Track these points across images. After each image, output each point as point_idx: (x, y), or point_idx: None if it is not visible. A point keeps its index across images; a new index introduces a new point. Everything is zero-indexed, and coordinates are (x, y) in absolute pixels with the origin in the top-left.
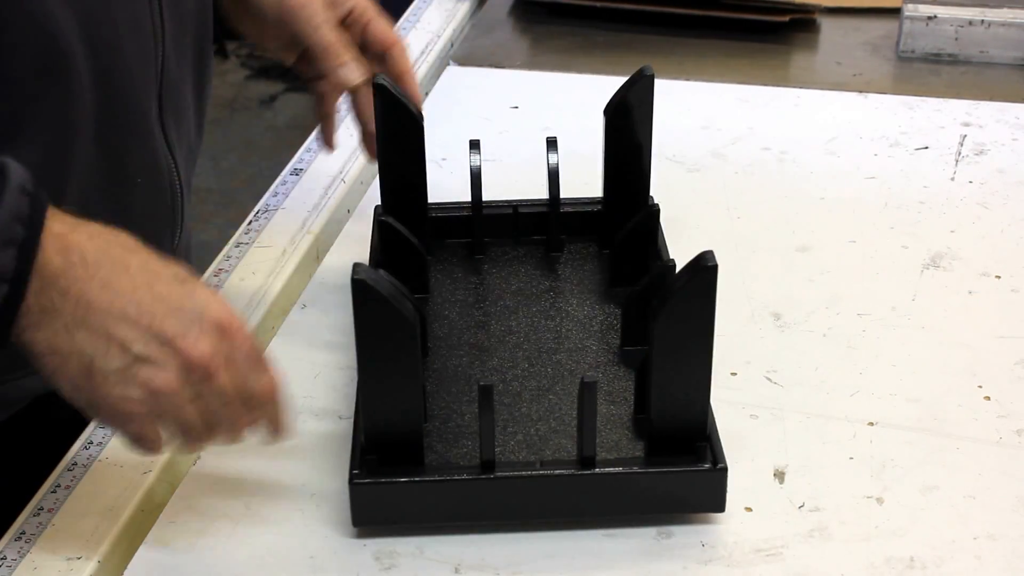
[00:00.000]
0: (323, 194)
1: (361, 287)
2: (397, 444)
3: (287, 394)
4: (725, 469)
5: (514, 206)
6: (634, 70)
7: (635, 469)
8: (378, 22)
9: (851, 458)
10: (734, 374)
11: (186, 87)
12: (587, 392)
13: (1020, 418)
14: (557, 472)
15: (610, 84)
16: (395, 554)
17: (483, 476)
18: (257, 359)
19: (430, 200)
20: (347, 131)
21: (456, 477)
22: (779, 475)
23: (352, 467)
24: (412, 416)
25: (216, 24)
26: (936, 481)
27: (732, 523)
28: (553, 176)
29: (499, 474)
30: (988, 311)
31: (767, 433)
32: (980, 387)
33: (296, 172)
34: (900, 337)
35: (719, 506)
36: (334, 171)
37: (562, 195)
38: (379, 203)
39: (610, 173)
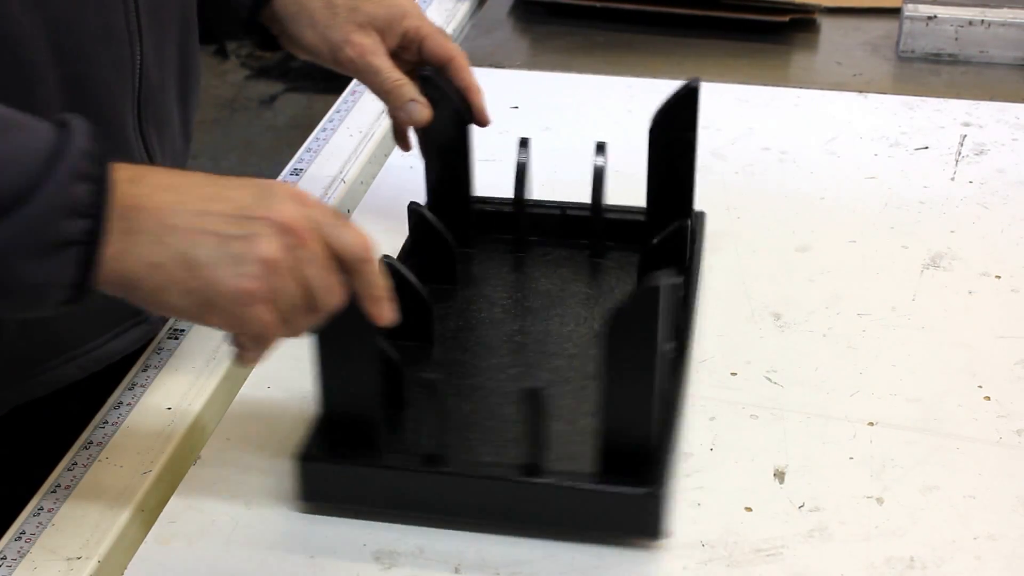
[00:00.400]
0: (323, 194)
1: None
2: (353, 427)
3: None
4: (659, 496)
5: (562, 208)
6: (634, 70)
7: (570, 483)
8: (434, 38)
9: (851, 458)
10: (734, 374)
11: (169, 94)
12: (530, 400)
13: (1020, 418)
14: (496, 476)
15: (610, 84)
16: (395, 554)
17: (423, 470)
18: (340, 219)
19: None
20: (346, 131)
21: (397, 467)
22: (779, 475)
23: (306, 444)
24: (367, 401)
25: (240, 28)
26: (936, 481)
27: (732, 523)
28: (597, 181)
29: (439, 469)
30: (988, 311)
31: (767, 433)
32: (980, 387)
33: (296, 172)
34: (900, 337)
35: (655, 533)
36: (334, 171)
37: (562, 196)
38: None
39: (653, 184)
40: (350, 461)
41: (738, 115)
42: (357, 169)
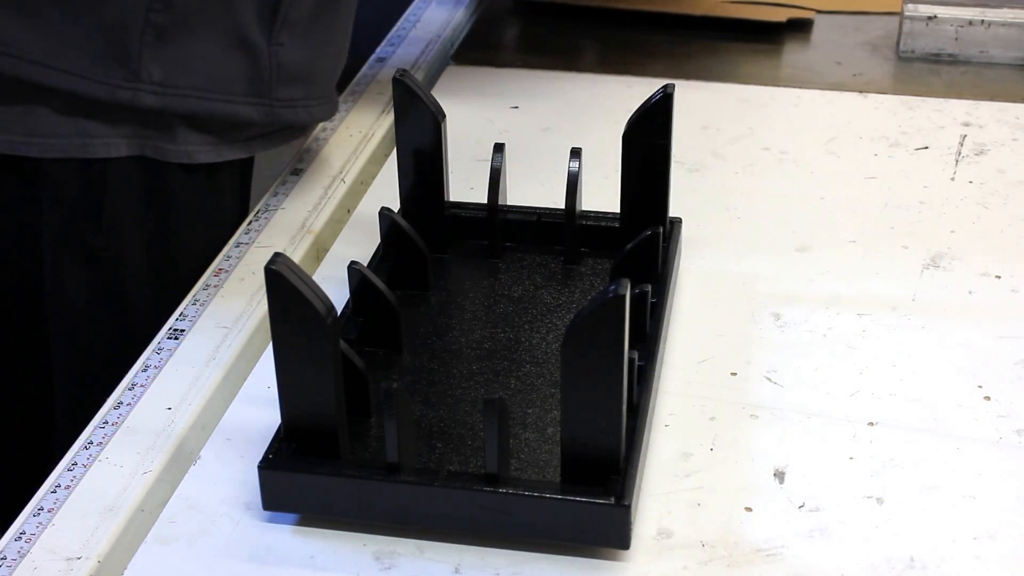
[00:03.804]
0: (323, 194)
1: (273, 276)
2: (315, 435)
3: None
4: (628, 506)
5: (537, 213)
6: (634, 70)
7: (532, 493)
8: None
9: (851, 458)
10: (734, 374)
11: None
12: (490, 410)
13: (1020, 418)
14: (456, 485)
15: (610, 84)
16: (395, 554)
17: (383, 479)
18: None
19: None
20: (346, 131)
21: (356, 476)
22: (779, 475)
23: (267, 452)
24: (327, 408)
25: None
26: (936, 481)
27: (732, 523)
28: (571, 188)
29: (398, 479)
30: (988, 311)
31: (767, 433)
32: (980, 387)
33: (296, 172)
34: (900, 337)
35: (623, 543)
36: (334, 171)
37: (561, 197)
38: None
39: (628, 191)
40: (310, 470)
41: (738, 115)
42: (357, 169)
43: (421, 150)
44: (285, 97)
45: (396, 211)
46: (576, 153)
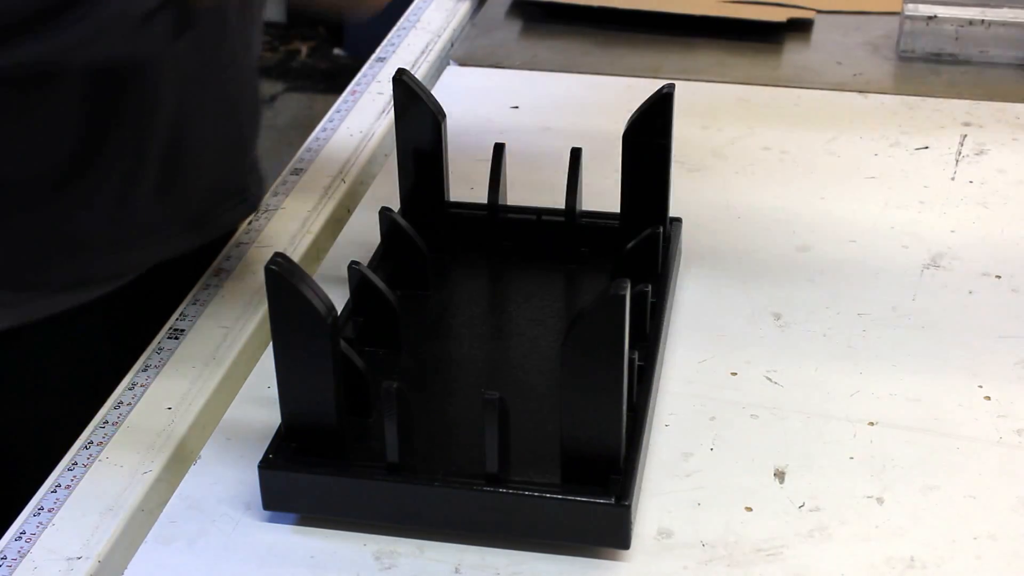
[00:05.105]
0: (323, 194)
1: (273, 276)
2: (315, 434)
3: None
4: (628, 506)
5: (537, 213)
6: (634, 70)
7: (533, 493)
8: None
9: (851, 458)
10: (734, 374)
11: None
12: (488, 409)
13: (1020, 418)
14: (457, 485)
15: (610, 84)
16: (395, 554)
17: (382, 479)
18: None
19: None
20: (347, 131)
21: (356, 475)
22: (779, 475)
23: (267, 452)
24: (327, 408)
25: None
26: (936, 481)
27: (732, 523)
28: (571, 187)
29: (398, 479)
30: (988, 311)
31: (767, 433)
32: (980, 387)
33: (296, 172)
34: (900, 337)
35: (623, 543)
36: (334, 171)
37: (561, 198)
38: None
39: (628, 191)
40: (310, 470)
41: (738, 115)
42: (357, 169)
43: (421, 150)
44: None
45: (396, 211)
46: (576, 153)
